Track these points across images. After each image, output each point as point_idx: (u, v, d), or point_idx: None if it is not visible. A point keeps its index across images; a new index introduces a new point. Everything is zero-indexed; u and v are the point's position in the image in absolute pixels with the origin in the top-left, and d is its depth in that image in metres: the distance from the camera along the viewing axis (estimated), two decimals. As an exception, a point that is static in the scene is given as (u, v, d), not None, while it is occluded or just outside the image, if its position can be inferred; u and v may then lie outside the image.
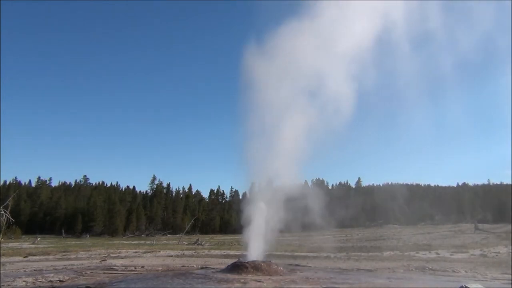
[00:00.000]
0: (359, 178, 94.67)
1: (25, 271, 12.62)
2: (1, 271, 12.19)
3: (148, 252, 22.52)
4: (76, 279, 10.40)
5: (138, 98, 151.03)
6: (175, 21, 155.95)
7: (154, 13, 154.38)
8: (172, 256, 19.94)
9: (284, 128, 13.82)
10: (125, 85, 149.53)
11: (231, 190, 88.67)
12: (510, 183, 73.31)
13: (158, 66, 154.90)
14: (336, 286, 8.78)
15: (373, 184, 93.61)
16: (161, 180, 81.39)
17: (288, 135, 13.82)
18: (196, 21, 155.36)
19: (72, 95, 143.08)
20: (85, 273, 11.68)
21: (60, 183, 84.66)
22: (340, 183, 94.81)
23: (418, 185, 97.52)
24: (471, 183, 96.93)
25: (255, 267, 10.57)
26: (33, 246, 31.07)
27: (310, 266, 13.30)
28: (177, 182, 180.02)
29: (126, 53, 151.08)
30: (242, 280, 9.40)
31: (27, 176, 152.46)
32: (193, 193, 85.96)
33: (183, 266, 14.21)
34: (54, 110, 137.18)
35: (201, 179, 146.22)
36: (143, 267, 13.52)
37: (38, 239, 40.53)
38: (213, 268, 12.59)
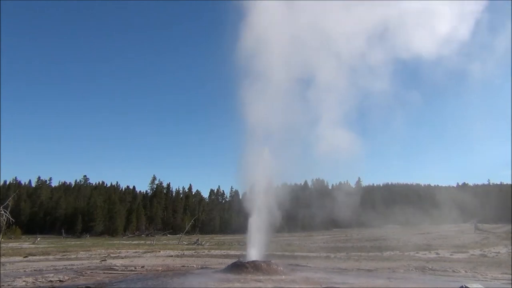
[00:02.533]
0: (359, 178, 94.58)
1: (25, 271, 12.61)
2: (1, 271, 12.18)
3: (148, 252, 22.51)
4: (76, 279, 10.40)
5: (138, 98, 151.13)
6: (176, 22, 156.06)
7: (155, 14, 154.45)
8: (172, 256, 19.93)
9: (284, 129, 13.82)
10: (125, 85, 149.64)
11: (231, 190, 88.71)
12: (510, 183, 73.29)
13: (158, 67, 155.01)
14: (336, 286, 8.78)
15: (373, 184, 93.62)
16: (161, 180, 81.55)
17: (288, 135, 13.84)
18: (197, 22, 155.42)
19: (72, 96, 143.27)
20: (85, 273, 11.68)
21: (60, 183, 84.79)
22: (340, 183, 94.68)
23: (418, 185, 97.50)
24: (471, 183, 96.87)
25: (255, 267, 10.56)
26: (33, 246, 31.06)
27: (310, 266, 13.29)
28: (177, 182, 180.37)
29: (126, 54, 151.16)
30: (242, 280, 9.39)
31: (27, 176, 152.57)
32: (193, 193, 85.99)
33: (183, 266, 14.21)
34: (54, 111, 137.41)
35: (201, 179, 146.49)
36: (143, 267, 13.51)
37: (38, 239, 40.53)
38: (213, 268, 12.59)
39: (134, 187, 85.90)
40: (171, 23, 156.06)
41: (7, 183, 74.65)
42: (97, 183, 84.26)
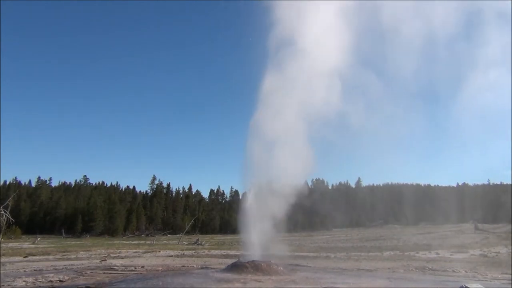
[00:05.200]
0: (359, 178, 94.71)
1: (25, 271, 12.62)
2: (1, 271, 12.18)
3: (148, 252, 22.52)
4: (76, 279, 10.40)
5: (138, 98, 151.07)
6: (177, 21, 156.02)
7: (155, 14, 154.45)
8: (172, 256, 19.94)
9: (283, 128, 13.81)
10: (125, 85, 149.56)
11: (231, 190, 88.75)
12: (510, 183, 73.20)
13: (158, 67, 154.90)
14: (336, 286, 8.78)
15: (373, 184, 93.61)
16: (161, 180, 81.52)
17: (288, 135, 13.84)
18: (198, 22, 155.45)
19: (72, 95, 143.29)
20: (85, 273, 11.68)
21: (60, 183, 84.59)
22: (340, 183, 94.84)
23: (418, 185, 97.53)
24: (471, 183, 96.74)
25: (255, 267, 10.56)
26: (33, 246, 31.06)
27: (310, 266, 13.30)
28: (177, 182, 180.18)
29: (126, 54, 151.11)
30: (242, 280, 9.38)
31: (27, 176, 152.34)
32: (193, 193, 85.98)
33: (183, 266, 14.22)
34: (54, 110, 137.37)
35: (201, 179, 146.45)
36: (143, 267, 13.52)
37: (38, 239, 40.51)
38: (213, 268, 12.59)
39: (134, 187, 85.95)
40: (171, 21, 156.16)
41: (7, 183, 74.60)
42: (97, 183, 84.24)
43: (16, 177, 79.06)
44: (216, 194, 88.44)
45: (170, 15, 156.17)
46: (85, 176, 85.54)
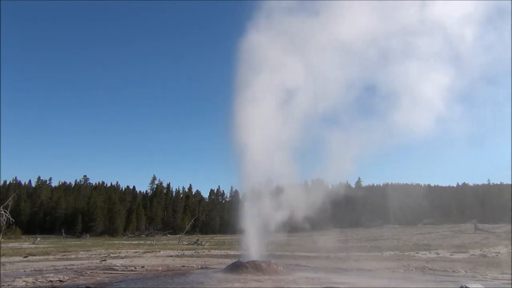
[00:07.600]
0: (359, 178, 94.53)
1: (25, 271, 12.62)
2: (1, 271, 12.19)
3: (148, 252, 22.52)
4: (76, 279, 10.41)
5: (138, 98, 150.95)
6: (179, 22, 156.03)
7: (159, 14, 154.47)
8: (172, 256, 19.95)
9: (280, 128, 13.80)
10: (125, 85, 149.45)
11: (231, 190, 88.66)
12: (510, 183, 73.14)
13: (158, 68, 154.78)
14: (336, 286, 8.78)
15: (373, 184, 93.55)
16: (161, 180, 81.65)
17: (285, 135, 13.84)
18: (199, 22, 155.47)
19: (72, 95, 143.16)
20: (85, 273, 11.69)
21: (60, 183, 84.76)
22: (340, 183, 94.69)
23: (418, 185, 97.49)
24: (471, 183, 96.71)
25: (255, 267, 10.56)
26: (33, 246, 31.06)
27: (310, 266, 13.30)
28: (177, 182, 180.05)
29: (126, 53, 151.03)
30: (242, 280, 9.39)
31: (27, 176, 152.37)
32: (193, 193, 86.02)
33: (183, 266, 14.22)
34: (54, 110, 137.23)
35: (201, 179, 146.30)
36: (143, 267, 13.52)
37: (38, 239, 40.52)
38: (213, 268, 12.60)
39: (134, 187, 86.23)
40: (174, 27, 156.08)
41: (7, 183, 74.76)
42: (97, 183, 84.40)
43: (16, 177, 79.44)
44: (216, 194, 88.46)
45: (174, 16, 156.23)
46: (85, 176, 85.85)
